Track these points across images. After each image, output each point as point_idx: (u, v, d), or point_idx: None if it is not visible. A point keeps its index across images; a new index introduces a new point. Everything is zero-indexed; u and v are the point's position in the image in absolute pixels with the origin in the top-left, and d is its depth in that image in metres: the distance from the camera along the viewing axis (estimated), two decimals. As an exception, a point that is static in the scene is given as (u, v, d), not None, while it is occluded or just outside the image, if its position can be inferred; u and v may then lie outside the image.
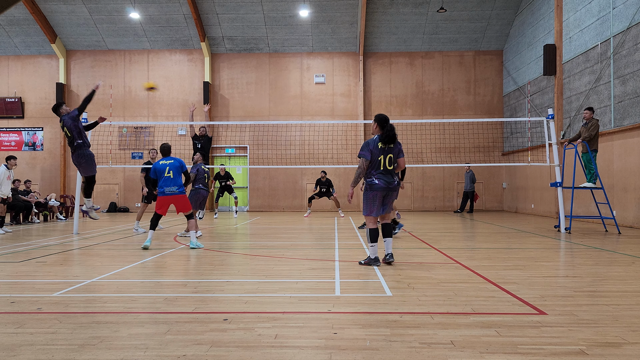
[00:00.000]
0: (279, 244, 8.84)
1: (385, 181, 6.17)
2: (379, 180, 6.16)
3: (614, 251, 7.69)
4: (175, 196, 8.32)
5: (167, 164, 8.39)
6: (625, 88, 12.28)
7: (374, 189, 6.18)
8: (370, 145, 6.18)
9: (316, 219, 15.66)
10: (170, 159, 8.50)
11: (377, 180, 6.16)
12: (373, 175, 6.20)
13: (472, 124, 19.98)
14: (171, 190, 8.30)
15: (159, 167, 8.40)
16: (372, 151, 6.17)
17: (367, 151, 6.16)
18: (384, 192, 6.19)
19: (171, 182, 8.30)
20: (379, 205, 6.23)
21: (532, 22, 18.02)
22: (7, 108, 21.42)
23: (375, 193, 6.18)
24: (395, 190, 6.26)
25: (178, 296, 4.60)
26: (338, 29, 20.46)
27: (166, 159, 8.47)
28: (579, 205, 13.92)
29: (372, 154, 6.17)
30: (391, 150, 6.23)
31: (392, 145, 6.23)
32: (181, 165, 8.41)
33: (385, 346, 3.15)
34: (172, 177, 8.31)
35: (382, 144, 6.18)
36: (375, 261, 6.23)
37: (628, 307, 4.11)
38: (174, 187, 8.30)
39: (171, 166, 8.37)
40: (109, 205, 21.14)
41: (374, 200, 6.19)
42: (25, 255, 7.50)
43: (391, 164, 6.23)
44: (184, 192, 8.45)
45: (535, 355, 2.98)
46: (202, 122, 16.25)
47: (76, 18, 20.31)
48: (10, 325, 3.63)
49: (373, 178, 6.18)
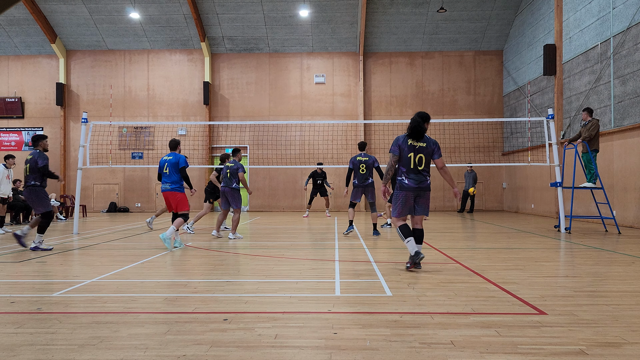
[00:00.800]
0: (279, 244, 8.84)
1: (416, 181, 5.79)
2: (409, 179, 5.81)
3: (614, 251, 7.69)
4: (167, 192, 8.34)
5: (167, 160, 8.43)
6: (625, 88, 12.28)
7: (403, 189, 5.84)
8: (399, 141, 5.88)
9: (316, 219, 15.65)
10: (171, 154, 8.48)
11: (407, 180, 5.82)
12: (403, 174, 5.87)
13: (472, 124, 19.99)
14: (164, 186, 8.37)
15: (160, 162, 8.53)
16: (401, 147, 5.84)
17: (396, 146, 5.87)
18: (415, 192, 5.80)
19: (167, 178, 8.36)
20: (409, 206, 5.85)
21: (532, 22, 18.02)
22: (7, 108, 21.42)
23: (404, 193, 5.83)
24: (428, 191, 5.83)
25: (178, 296, 4.60)
26: (338, 29, 20.46)
27: (168, 155, 8.51)
28: (579, 205, 13.92)
29: (401, 150, 5.84)
30: (422, 150, 5.84)
31: (424, 145, 5.85)
32: (177, 162, 8.35)
33: (385, 346, 3.15)
34: (168, 174, 8.34)
35: (411, 140, 5.85)
36: (416, 256, 5.78)
37: (628, 307, 4.11)
38: (168, 184, 8.34)
39: (169, 162, 8.39)
40: (109, 206, 21.14)
41: (404, 201, 5.84)
42: (25, 255, 7.49)
43: (421, 163, 5.83)
44: (177, 190, 8.37)
45: (535, 355, 2.98)
46: (202, 122, 16.25)
47: (76, 18, 20.31)
48: (10, 325, 3.63)
49: (403, 177, 5.86)
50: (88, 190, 21.16)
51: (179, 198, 8.41)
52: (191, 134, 21.03)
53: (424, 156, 5.84)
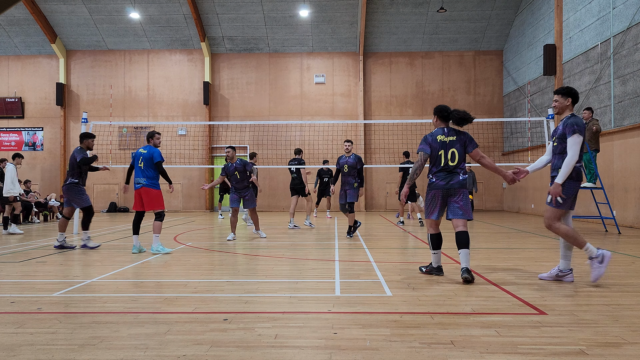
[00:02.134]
0: (279, 244, 8.84)
1: (446, 179, 5.40)
2: (438, 178, 5.44)
3: (614, 251, 7.69)
4: (141, 189, 7.66)
5: (142, 153, 7.76)
6: (625, 88, 12.28)
7: (432, 188, 5.48)
8: (429, 139, 5.50)
9: (316, 219, 15.65)
10: (145, 148, 7.80)
11: (436, 179, 5.45)
12: (432, 173, 5.52)
13: (472, 124, 19.87)
14: (138, 181, 7.68)
15: (135, 155, 7.82)
16: (432, 145, 5.47)
17: (426, 144, 5.48)
18: (444, 191, 5.40)
19: (140, 174, 7.69)
20: (441, 207, 5.47)
21: (532, 22, 18.02)
22: (7, 108, 21.42)
23: (434, 192, 5.46)
24: (464, 187, 5.40)
25: (178, 296, 4.59)
26: (338, 29, 20.46)
27: (143, 148, 7.84)
28: (579, 205, 13.90)
29: (432, 148, 5.47)
30: (454, 144, 5.42)
31: (455, 138, 5.44)
32: (152, 157, 7.69)
33: (385, 346, 3.15)
34: (143, 168, 7.68)
35: (442, 136, 5.47)
36: (437, 270, 5.60)
37: (628, 307, 4.11)
38: (142, 179, 7.65)
39: (144, 156, 7.73)
40: (109, 205, 21.14)
41: (434, 200, 5.47)
42: (25, 255, 7.50)
43: (454, 159, 5.40)
44: (151, 186, 7.66)
45: (535, 355, 2.98)
46: (202, 122, 16.24)
47: (76, 18, 20.31)
48: (10, 325, 3.63)
49: (432, 176, 5.51)
50: (88, 190, 20.98)
51: (152, 195, 7.64)
52: (191, 134, 21.02)
53: (456, 150, 5.44)
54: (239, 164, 9.67)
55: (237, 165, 9.65)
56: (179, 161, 20.41)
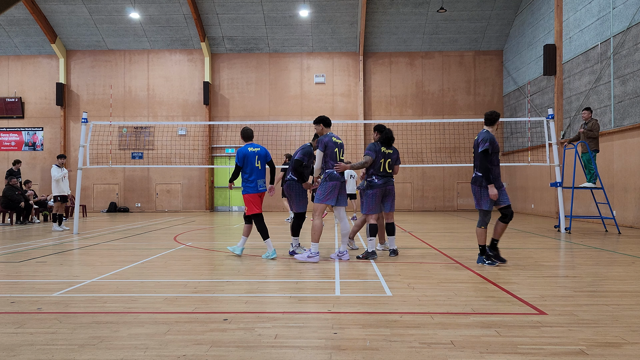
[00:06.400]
0: (278, 244, 8.84)
1: (383, 180, 6.95)
2: (379, 179, 6.93)
3: (614, 251, 7.69)
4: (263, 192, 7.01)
5: (256, 152, 6.94)
6: (625, 88, 12.27)
7: (374, 187, 6.91)
8: (376, 147, 6.96)
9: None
10: (257, 146, 7.01)
11: (377, 179, 6.92)
12: (373, 175, 6.94)
13: (472, 124, 19.97)
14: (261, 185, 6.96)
15: (249, 155, 6.91)
16: (377, 153, 6.94)
17: (373, 152, 6.92)
18: (383, 190, 6.96)
19: (260, 175, 6.96)
20: (379, 203, 6.98)
21: (532, 22, 18.01)
22: (7, 108, 21.42)
23: (375, 191, 6.91)
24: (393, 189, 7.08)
25: (178, 296, 4.59)
26: (338, 29, 20.46)
27: (252, 146, 6.99)
28: (579, 205, 13.92)
29: (377, 155, 6.93)
30: (390, 156, 7.07)
31: (391, 152, 7.10)
32: (266, 154, 7.06)
33: (385, 346, 3.15)
34: (260, 168, 6.96)
35: (384, 148, 6.99)
36: (372, 254, 6.81)
37: (628, 307, 4.11)
38: (262, 181, 6.99)
39: (259, 155, 6.96)
40: (109, 205, 21.14)
41: (374, 198, 6.91)
42: (25, 255, 7.49)
43: (390, 167, 7.07)
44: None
45: (535, 355, 2.98)
46: (202, 122, 16.26)
47: (76, 18, 20.31)
48: (10, 325, 3.63)
49: (373, 177, 6.93)
50: (88, 190, 21.16)
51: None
52: (191, 134, 21.02)
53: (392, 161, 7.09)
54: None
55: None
56: (178, 161, 20.41)
